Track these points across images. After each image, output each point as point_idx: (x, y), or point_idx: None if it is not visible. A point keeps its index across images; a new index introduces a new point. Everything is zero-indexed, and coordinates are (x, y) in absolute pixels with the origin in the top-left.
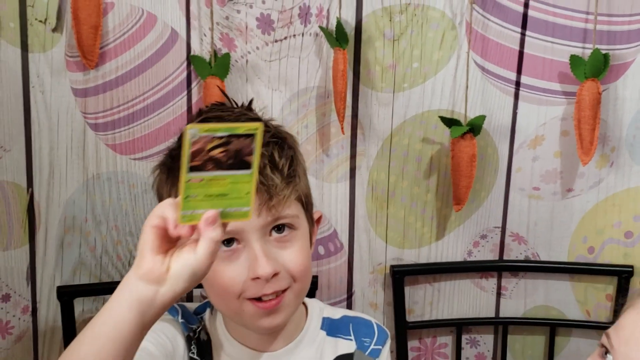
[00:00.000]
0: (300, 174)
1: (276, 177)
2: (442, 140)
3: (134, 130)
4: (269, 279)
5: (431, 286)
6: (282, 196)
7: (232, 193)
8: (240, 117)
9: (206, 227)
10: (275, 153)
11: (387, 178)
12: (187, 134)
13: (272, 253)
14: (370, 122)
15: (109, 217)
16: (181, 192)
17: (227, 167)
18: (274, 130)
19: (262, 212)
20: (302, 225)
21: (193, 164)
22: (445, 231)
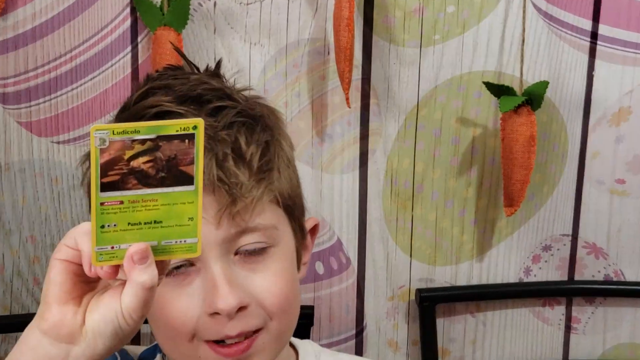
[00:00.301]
0: (281, 166)
1: (241, 172)
2: (488, 114)
3: (58, 102)
4: (232, 314)
5: (473, 318)
6: (249, 199)
7: (168, 219)
8: (196, 88)
9: (131, 268)
10: (242, 138)
11: (412, 167)
12: (92, 139)
13: (237, 278)
14: (388, 89)
15: (22, 225)
16: (93, 221)
17: (158, 183)
18: (241, 106)
19: (223, 221)
20: (284, 239)
21: (107, 180)
22: (492, 241)
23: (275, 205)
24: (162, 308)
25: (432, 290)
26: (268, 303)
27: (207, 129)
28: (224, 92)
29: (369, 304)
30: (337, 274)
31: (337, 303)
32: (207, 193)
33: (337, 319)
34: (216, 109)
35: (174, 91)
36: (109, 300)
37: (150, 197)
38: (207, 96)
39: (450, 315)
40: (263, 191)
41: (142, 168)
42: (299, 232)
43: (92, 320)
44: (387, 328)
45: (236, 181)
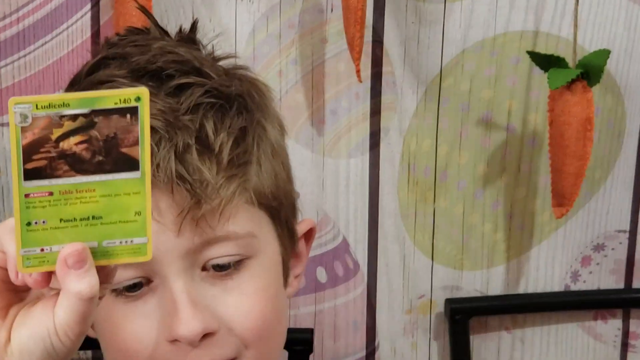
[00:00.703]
0: (262, 157)
1: (206, 168)
2: (531, 85)
3: (1, 74)
4: (195, 342)
5: (509, 334)
6: (217, 200)
7: (109, 214)
8: (157, 59)
9: (65, 275)
10: (209, 124)
11: (434, 150)
12: (11, 114)
13: (204, 299)
14: (405, 54)
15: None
16: (17, 217)
17: (95, 169)
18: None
19: (185, 228)
20: (265, 249)
21: (31, 167)
22: (533, 240)
23: (254, 206)
24: (114, 333)
25: (465, 301)
26: (242, 328)
27: (167, 113)
28: (192, 65)
29: (381, 318)
30: (342, 281)
31: (343, 318)
32: (165, 193)
33: (343, 338)
34: (179, 87)
35: (130, 63)
36: (40, 314)
37: (86, 186)
38: (168, 70)
39: (482, 331)
40: (235, 191)
41: (75, 151)
42: (287, 239)
43: (19, 338)
44: (404, 348)
45: (200, 178)
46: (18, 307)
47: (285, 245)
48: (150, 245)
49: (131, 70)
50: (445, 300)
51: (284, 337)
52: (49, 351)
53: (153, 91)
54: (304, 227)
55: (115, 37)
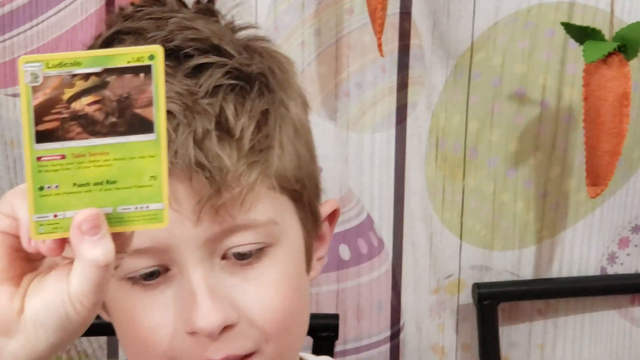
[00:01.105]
0: (284, 139)
1: (226, 154)
2: (565, 59)
3: (14, 44)
4: (215, 335)
5: (542, 318)
6: (238, 189)
7: (124, 178)
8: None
9: (80, 241)
10: (229, 108)
11: (464, 125)
12: (21, 73)
13: (223, 289)
14: (434, 27)
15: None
16: (29, 181)
17: (108, 131)
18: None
19: (204, 216)
20: (288, 236)
21: (42, 128)
22: (567, 220)
23: (275, 192)
24: (131, 323)
25: (494, 286)
26: (262, 321)
27: (185, 96)
28: (210, 43)
29: (407, 298)
30: (366, 260)
31: (366, 297)
32: (183, 180)
33: (366, 318)
34: (197, 67)
35: (146, 39)
36: (54, 282)
37: (99, 149)
38: (187, 49)
39: (513, 315)
40: (256, 178)
41: (87, 111)
42: (310, 222)
43: (32, 307)
44: (430, 329)
45: (220, 166)
46: (31, 275)
47: (308, 228)
48: (166, 212)
49: None
50: (473, 285)
51: (307, 326)
52: (63, 321)
53: (170, 71)
54: (328, 209)
55: (130, 8)
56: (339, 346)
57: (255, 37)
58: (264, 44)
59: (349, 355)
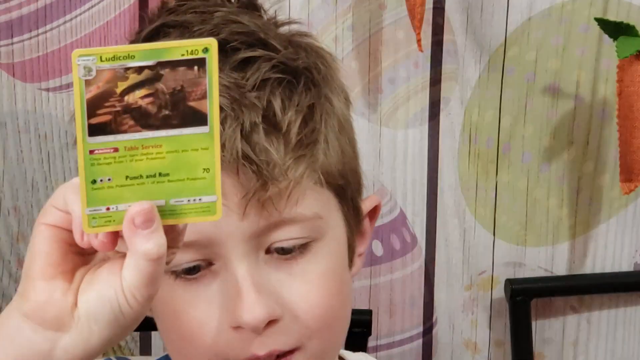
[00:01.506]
0: (330, 134)
1: (274, 148)
2: (598, 54)
3: (47, 38)
4: (259, 329)
5: (575, 314)
6: (285, 183)
7: (177, 171)
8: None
9: (133, 234)
10: (276, 102)
11: (498, 121)
12: (75, 67)
13: (267, 283)
14: (468, 22)
15: (2, 193)
16: (81, 175)
17: (161, 124)
18: (279, 57)
19: (250, 210)
20: (331, 231)
21: (96, 122)
22: (601, 216)
23: (321, 187)
24: (175, 317)
25: (526, 282)
26: (306, 317)
27: (232, 89)
28: (257, 37)
29: (440, 294)
30: (399, 255)
31: (399, 293)
32: (230, 174)
33: (399, 314)
34: (244, 61)
35: (192, 33)
36: (107, 275)
37: (152, 142)
38: (234, 42)
39: (546, 311)
40: (303, 172)
41: (140, 104)
42: (352, 218)
43: (86, 301)
44: (463, 325)
45: (267, 159)
46: (84, 270)
47: (351, 224)
48: (219, 204)
49: None
50: (506, 281)
51: (348, 321)
52: (116, 315)
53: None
54: (369, 205)
55: (173, 2)
56: (372, 342)
57: (298, 33)
58: (307, 39)
59: (382, 350)
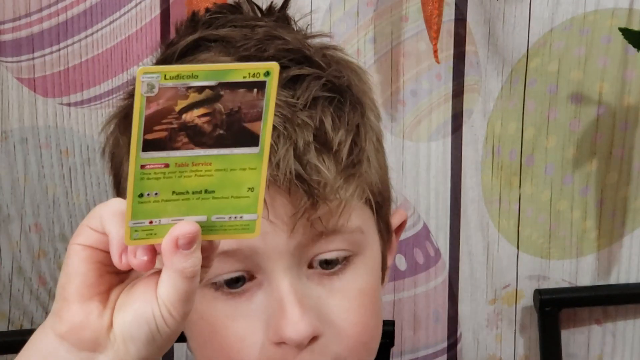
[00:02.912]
0: (371, 152)
1: (325, 168)
2: (621, 65)
3: (68, 53)
4: (304, 345)
5: (600, 327)
6: (335, 202)
7: (222, 188)
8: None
9: (174, 253)
10: (327, 121)
11: (521, 133)
12: (139, 83)
13: (310, 299)
14: (490, 34)
15: (24, 209)
16: (130, 188)
17: (214, 143)
18: (327, 75)
19: (298, 228)
20: (370, 246)
21: (151, 137)
22: (625, 228)
23: (364, 203)
24: (213, 331)
25: (555, 292)
26: (346, 334)
27: (284, 108)
28: (302, 54)
29: (464, 308)
30: (423, 270)
31: (423, 308)
32: (281, 192)
33: (423, 329)
34: (293, 79)
35: (237, 49)
36: (143, 294)
37: (203, 159)
38: (282, 59)
39: (570, 324)
40: (354, 191)
41: (196, 123)
42: (385, 233)
43: (122, 321)
44: (487, 340)
45: (319, 179)
46: (118, 289)
47: (384, 239)
48: (259, 223)
49: (240, 57)
50: (535, 291)
51: (379, 339)
52: (153, 334)
53: None
54: (398, 220)
55: (206, 14)
56: (396, 357)
57: (329, 46)
58: (339, 53)
59: None
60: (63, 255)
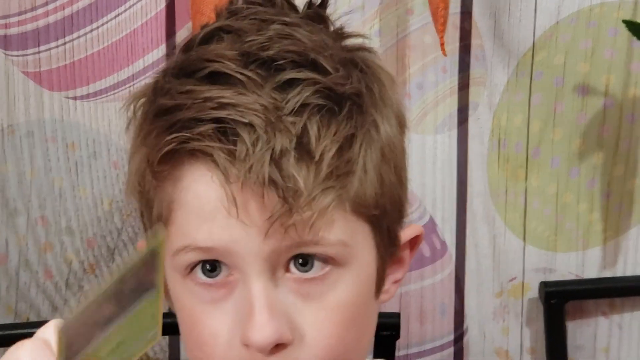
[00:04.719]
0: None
1: (302, 176)
2: (627, 57)
3: (74, 47)
4: (266, 350)
5: (607, 319)
6: (309, 212)
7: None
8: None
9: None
10: (312, 129)
11: (526, 125)
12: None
13: (282, 305)
14: (495, 26)
15: (30, 202)
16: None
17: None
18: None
19: (272, 234)
20: (358, 260)
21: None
22: (631, 220)
23: (351, 215)
24: (193, 324)
25: (561, 284)
26: (315, 345)
27: (269, 111)
28: (307, 57)
29: (470, 301)
30: (429, 263)
31: (429, 301)
32: (254, 196)
33: (429, 322)
34: (288, 82)
35: (242, 44)
36: None
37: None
38: (281, 61)
39: (576, 316)
40: (329, 203)
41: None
42: (386, 247)
43: None
44: (494, 332)
45: (294, 187)
46: None
47: (383, 253)
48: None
49: (241, 53)
50: (540, 284)
51: (364, 353)
52: None
53: (259, 82)
54: (409, 234)
55: (240, 3)
56: (402, 350)
57: (361, 47)
58: (369, 56)
59: (413, 359)
60: (70, 249)
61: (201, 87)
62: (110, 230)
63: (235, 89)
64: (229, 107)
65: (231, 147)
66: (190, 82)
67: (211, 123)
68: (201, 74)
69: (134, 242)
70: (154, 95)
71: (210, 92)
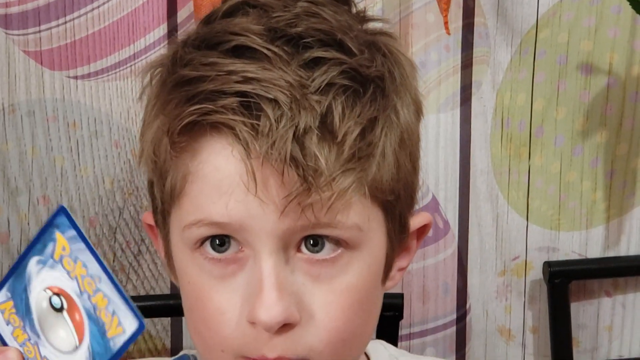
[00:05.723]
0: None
1: (324, 156)
2: (631, 35)
3: (75, 26)
4: (273, 329)
5: (610, 298)
6: (328, 193)
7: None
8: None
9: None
10: (337, 109)
11: (530, 104)
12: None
13: (292, 285)
14: (499, 4)
15: (32, 182)
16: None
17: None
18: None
19: (289, 212)
20: (369, 244)
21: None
22: (635, 199)
23: (367, 199)
24: (199, 299)
25: (564, 264)
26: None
27: (295, 88)
28: (333, 37)
29: (473, 280)
30: (432, 242)
31: (432, 280)
32: (275, 173)
33: (432, 301)
34: (314, 60)
35: (269, 19)
36: None
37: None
38: (307, 39)
39: (579, 295)
40: (350, 185)
41: None
42: (396, 233)
43: None
44: (497, 312)
45: (315, 166)
46: None
47: (393, 240)
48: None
49: (268, 28)
50: (544, 263)
51: (368, 337)
52: None
53: (286, 58)
54: (418, 222)
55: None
56: (405, 329)
57: (383, 32)
58: (391, 41)
59: (415, 338)
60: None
61: (225, 59)
62: (112, 209)
63: (260, 64)
64: (254, 81)
65: (254, 122)
66: (214, 54)
67: (235, 97)
68: (225, 47)
69: (135, 221)
70: (173, 66)
71: (234, 66)
